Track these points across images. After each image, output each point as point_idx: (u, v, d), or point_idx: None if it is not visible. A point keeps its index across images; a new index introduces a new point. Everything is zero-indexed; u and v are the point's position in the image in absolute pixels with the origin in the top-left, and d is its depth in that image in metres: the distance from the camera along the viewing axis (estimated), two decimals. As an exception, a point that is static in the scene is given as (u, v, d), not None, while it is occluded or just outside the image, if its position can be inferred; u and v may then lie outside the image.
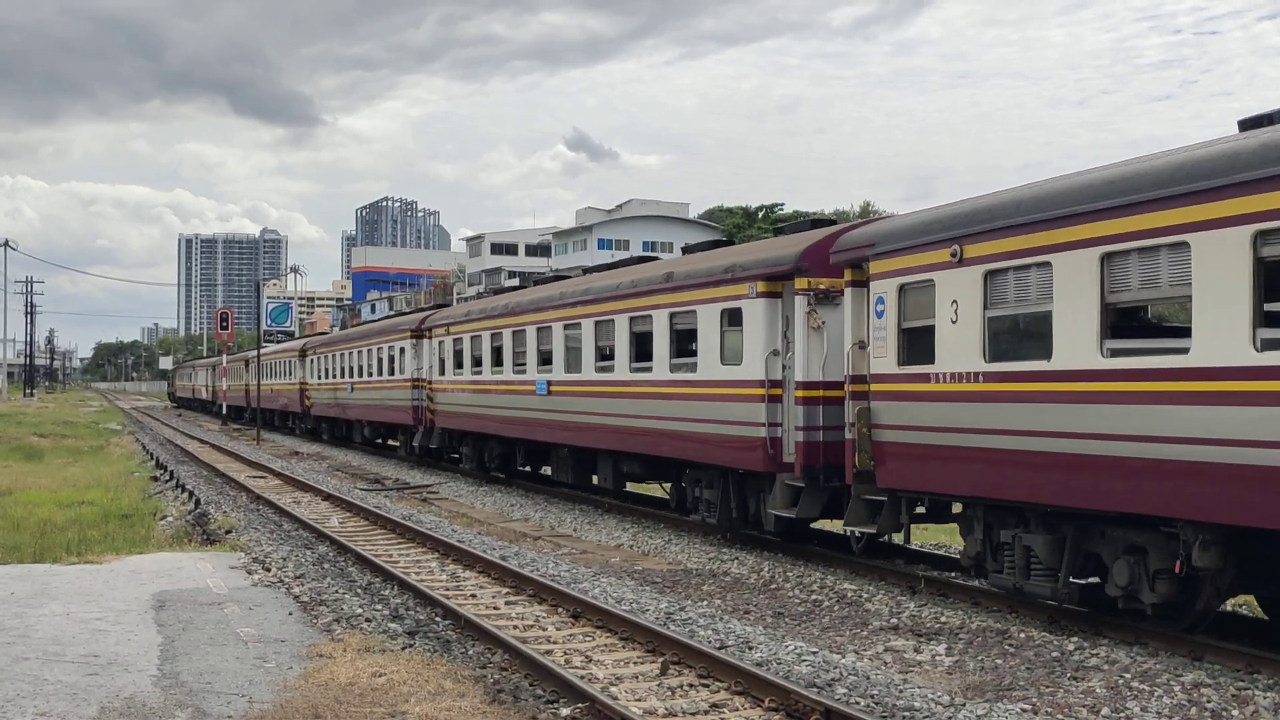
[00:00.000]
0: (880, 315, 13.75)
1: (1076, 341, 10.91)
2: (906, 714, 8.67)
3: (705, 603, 13.53)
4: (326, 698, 8.78)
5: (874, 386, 13.81)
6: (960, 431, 12.39)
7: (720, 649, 10.48)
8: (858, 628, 12.20)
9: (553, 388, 22.49)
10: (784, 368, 15.61)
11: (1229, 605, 13.05)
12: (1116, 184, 10.70)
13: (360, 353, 38.33)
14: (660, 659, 10.19)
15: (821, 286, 15.16)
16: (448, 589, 13.69)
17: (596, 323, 20.78)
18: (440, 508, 23.53)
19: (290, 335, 71.84)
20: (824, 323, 15.14)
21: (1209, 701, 9.19)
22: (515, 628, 11.64)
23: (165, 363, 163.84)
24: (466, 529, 19.73)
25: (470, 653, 10.67)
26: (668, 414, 18.22)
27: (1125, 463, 10.38)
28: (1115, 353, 10.62)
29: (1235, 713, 8.98)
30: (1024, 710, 9.03)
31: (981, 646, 11.17)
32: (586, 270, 24.73)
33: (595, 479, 22.18)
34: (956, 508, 13.45)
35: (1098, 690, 9.60)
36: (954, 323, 12.48)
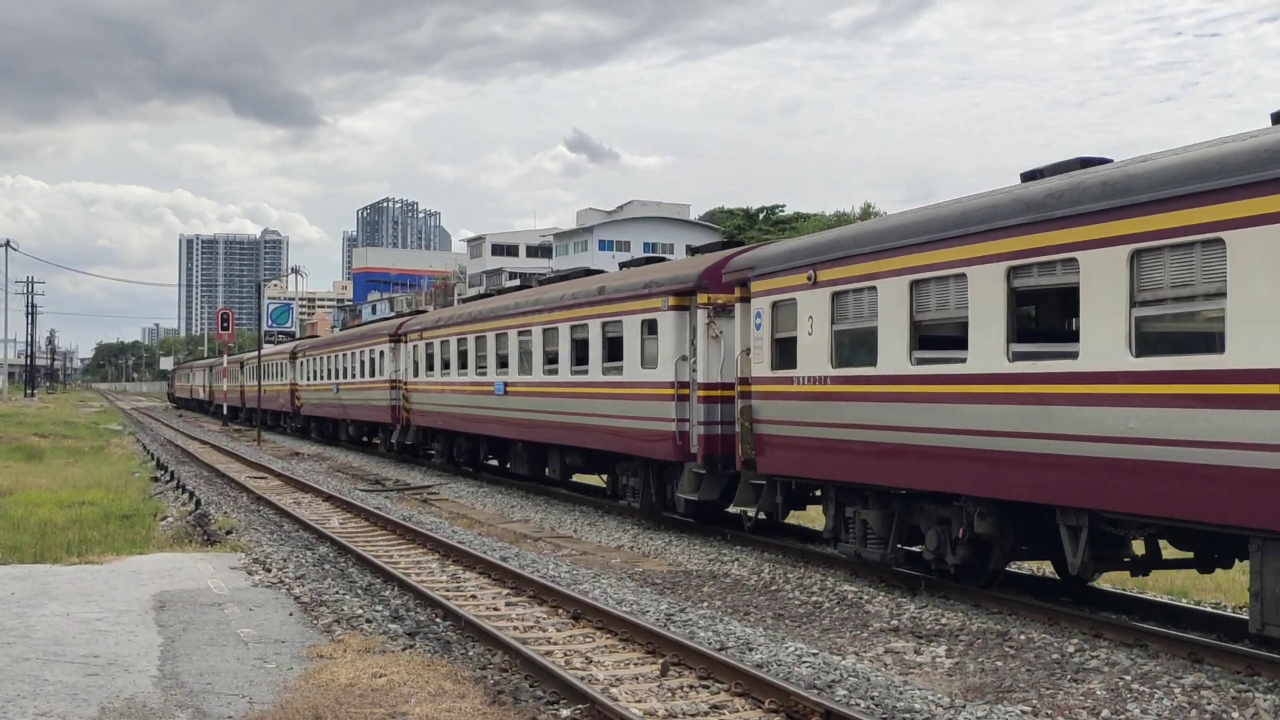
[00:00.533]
0: (758, 327, 16.08)
1: (894, 352, 13.31)
2: (906, 715, 8.67)
3: (705, 604, 13.54)
4: (327, 698, 8.78)
5: (754, 387, 16.16)
6: (816, 425, 14.79)
7: (720, 650, 10.48)
8: (858, 629, 12.20)
9: (509, 389, 24.92)
10: (691, 371, 17.94)
11: (1229, 609, 13.06)
12: (920, 225, 13.25)
13: (345, 355, 40.46)
14: (660, 660, 10.19)
15: (719, 301, 17.43)
16: (448, 590, 13.70)
17: (544, 330, 23.23)
18: (440, 509, 23.53)
19: (291, 336, 71.91)
20: (721, 332, 17.42)
21: (1209, 704, 9.19)
22: (516, 629, 11.64)
23: (166, 363, 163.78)
24: (467, 530, 19.73)
25: (471, 654, 10.67)
26: (601, 412, 20.55)
27: (928, 450, 12.77)
28: (920, 361, 13.02)
29: (1235, 715, 8.98)
30: (1024, 712, 9.03)
31: (982, 648, 11.17)
32: (541, 282, 27.34)
33: (547, 471, 24.35)
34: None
35: (1098, 692, 9.60)
36: (810, 334, 14.86)
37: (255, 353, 57.56)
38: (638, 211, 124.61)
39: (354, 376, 38.99)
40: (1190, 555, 11.45)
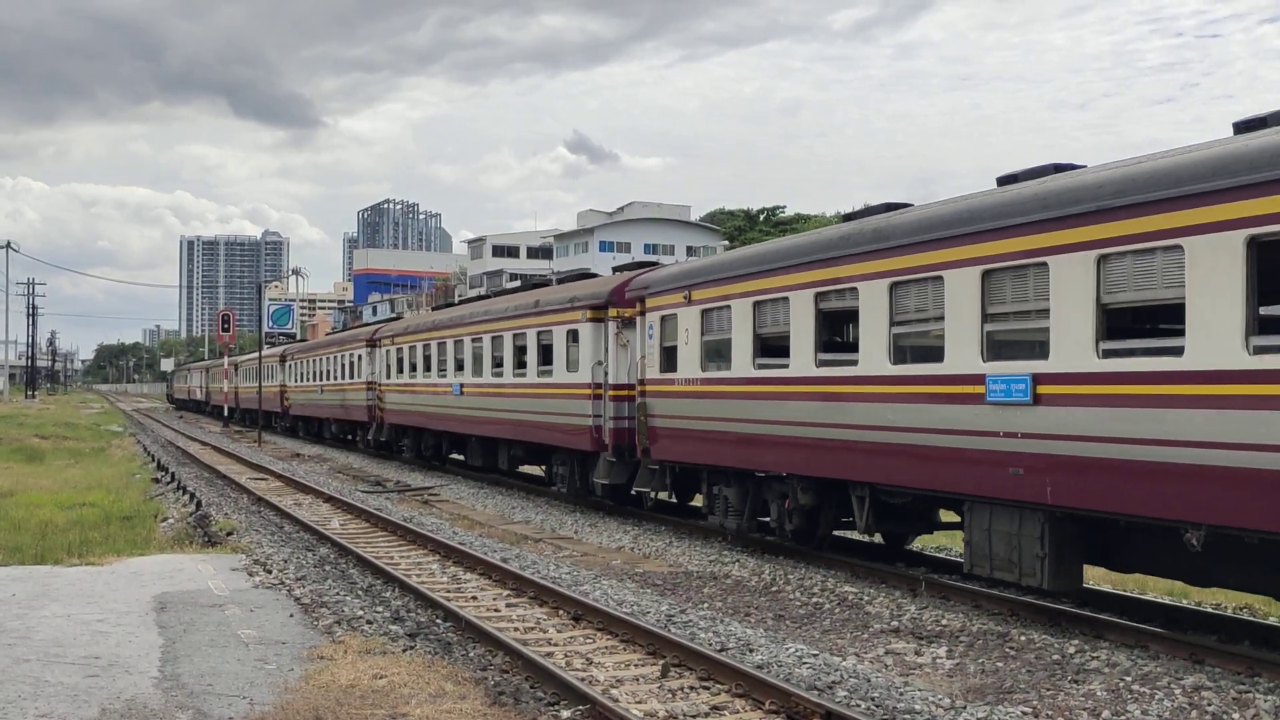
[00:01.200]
0: (651, 337, 19.03)
1: (743, 358, 16.40)
2: (907, 716, 8.68)
3: (706, 605, 13.54)
4: (327, 699, 8.79)
5: (648, 388, 19.05)
6: (691, 419, 17.81)
7: (721, 651, 10.48)
8: (858, 630, 12.20)
9: (464, 389, 28.10)
10: (604, 374, 20.80)
11: (1229, 609, 13.06)
12: (759, 257, 16.59)
13: (327, 359, 43.72)
14: (661, 661, 10.20)
15: (626, 315, 20.32)
16: (449, 591, 13.70)
17: (492, 338, 26.58)
18: (441, 510, 23.53)
19: (292, 338, 72.02)
20: (628, 341, 20.36)
21: (1209, 704, 9.19)
22: (516, 630, 11.65)
23: (167, 364, 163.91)
24: (467, 531, 19.73)
25: (471, 655, 10.67)
26: (537, 409, 23.64)
27: (767, 438, 15.86)
28: (761, 366, 16.15)
29: (1236, 716, 8.98)
30: (1025, 713, 9.03)
31: (982, 649, 11.17)
32: (494, 294, 32.05)
33: (499, 463, 27.16)
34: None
35: (1098, 693, 9.60)
36: (686, 344, 17.88)
37: (246, 356, 60.49)
38: (638, 213, 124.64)
39: (335, 379, 42.07)
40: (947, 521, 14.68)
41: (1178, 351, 10.00)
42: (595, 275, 25.60)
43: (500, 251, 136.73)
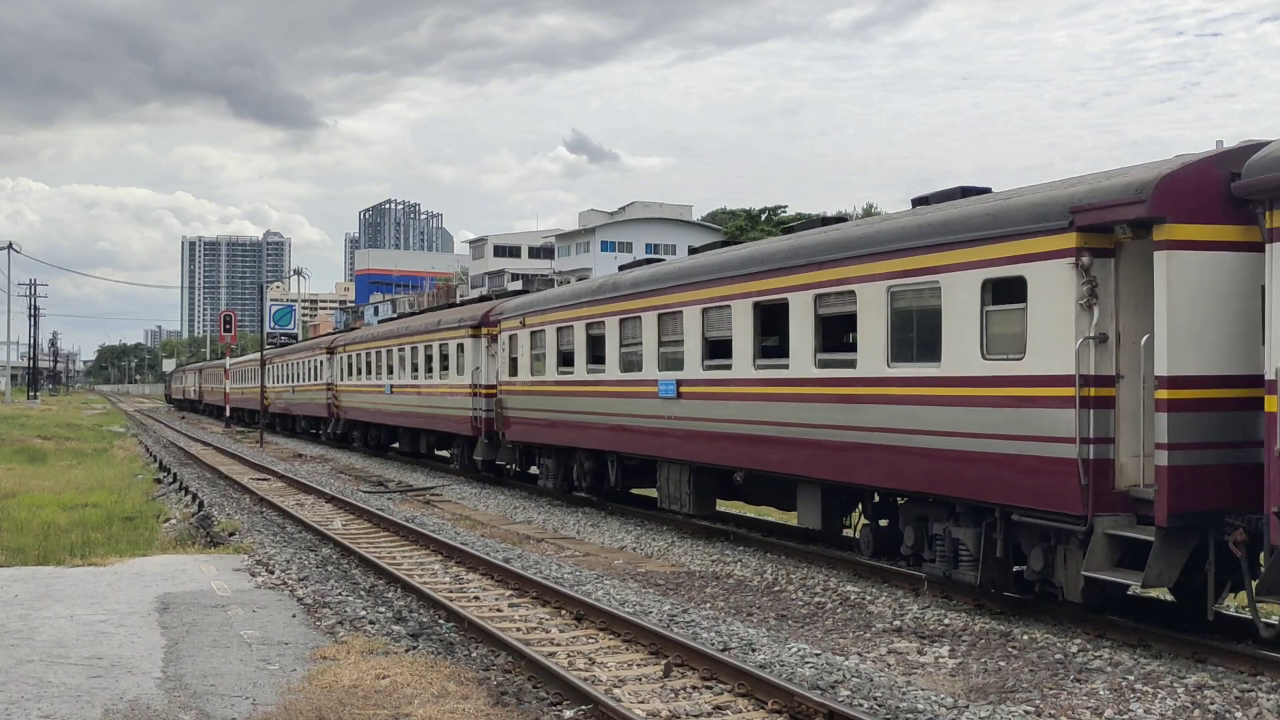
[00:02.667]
0: (503, 350, 26.16)
1: (550, 366, 23.12)
2: (910, 716, 8.68)
3: (708, 605, 13.54)
4: (330, 700, 8.80)
5: (502, 388, 26.29)
6: (527, 410, 24.69)
7: (723, 651, 10.48)
8: (861, 630, 12.20)
9: (393, 390, 35.55)
10: (480, 377, 27.94)
11: (1232, 609, 13.05)
12: (560, 297, 23.71)
13: (297, 364, 50.68)
14: (663, 661, 10.20)
15: (493, 333, 27.18)
16: (451, 591, 13.71)
17: (411, 348, 33.74)
18: (443, 510, 23.54)
19: (294, 338, 72.19)
20: (496, 352, 26.98)
21: (1212, 704, 9.19)
22: (519, 630, 11.65)
23: (169, 365, 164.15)
24: (469, 532, 19.73)
25: (474, 655, 10.68)
26: (439, 405, 30.66)
27: (564, 423, 22.61)
28: (561, 373, 22.67)
29: (1238, 715, 8.98)
30: (1027, 712, 9.03)
31: (985, 648, 11.17)
32: (416, 313, 40.61)
33: (420, 448, 34.88)
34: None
35: (1101, 692, 9.60)
36: (523, 356, 24.82)
37: (234, 360, 67.37)
38: (640, 212, 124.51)
39: (303, 380, 49.24)
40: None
41: (726, 366, 16.98)
42: (489, 298, 32.43)
43: (502, 252, 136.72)
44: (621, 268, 22.29)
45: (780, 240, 16.69)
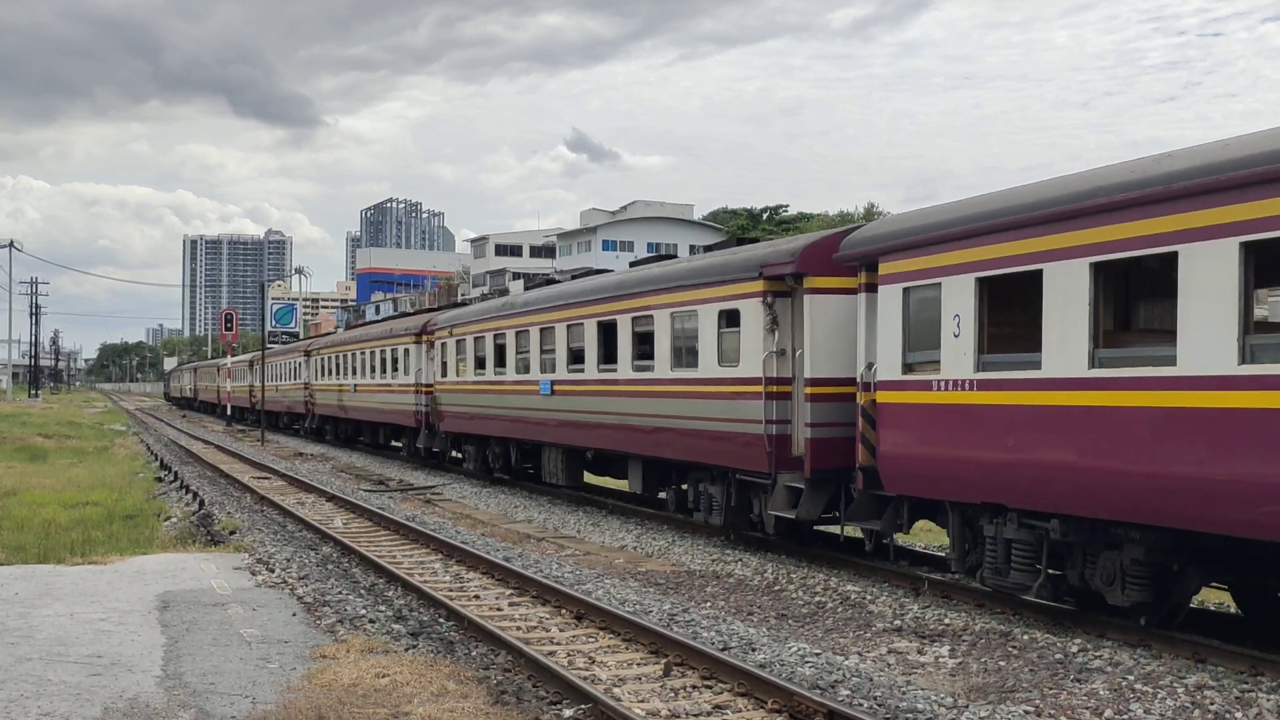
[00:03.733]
0: (439, 355, 30.84)
1: (467, 370, 28.04)
2: (909, 716, 8.67)
3: (708, 604, 13.54)
4: (330, 699, 8.79)
5: (436, 387, 31.14)
6: (455, 405, 29.47)
7: (723, 650, 10.48)
8: (861, 629, 12.20)
9: (357, 388, 40.14)
10: (423, 377, 32.52)
11: (1231, 608, 13.04)
12: (480, 312, 28.43)
13: (281, 365, 55.88)
14: (663, 660, 10.20)
15: (431, 339, 31.91)
16: (451, 590, 13.71)
17: (369, 352, 38.53)
18: (444, 509, 23.54)
19: (295, 336, 72.35)
20: (434, 356, 31.54)
21: (1212, 704, 9.18)
22: (519, 629, 11.65)
23: (170, 364, 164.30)
24: (470, 531, 19.74)
25: (474, 654, 10.68)
26: (391, 402, 35.67)
27: (480, 416, 27.20)
28: (477, 375, 27.44)
29: (1238, 715, 8.97)
30: (1027, 712, 9.02)
31: (985, 648, 11.17)
32: (370, 323, 49.14)
33: (378, 439, 39.64)
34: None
35: (1101, 692, 9.59)
36: (452, 360, 29.69)
37: (230, 359, 72.83)
38: (641, 212, 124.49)
39: (286, 379, 54.48)
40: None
41: (581, 369, 21.78)
42: (432, 310, 39.09)
43: (503, 251, 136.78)
44: (527, 286, 27.83)
45: (613, 276, 21.87)
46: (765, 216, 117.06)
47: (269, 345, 57.42)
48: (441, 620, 12.11)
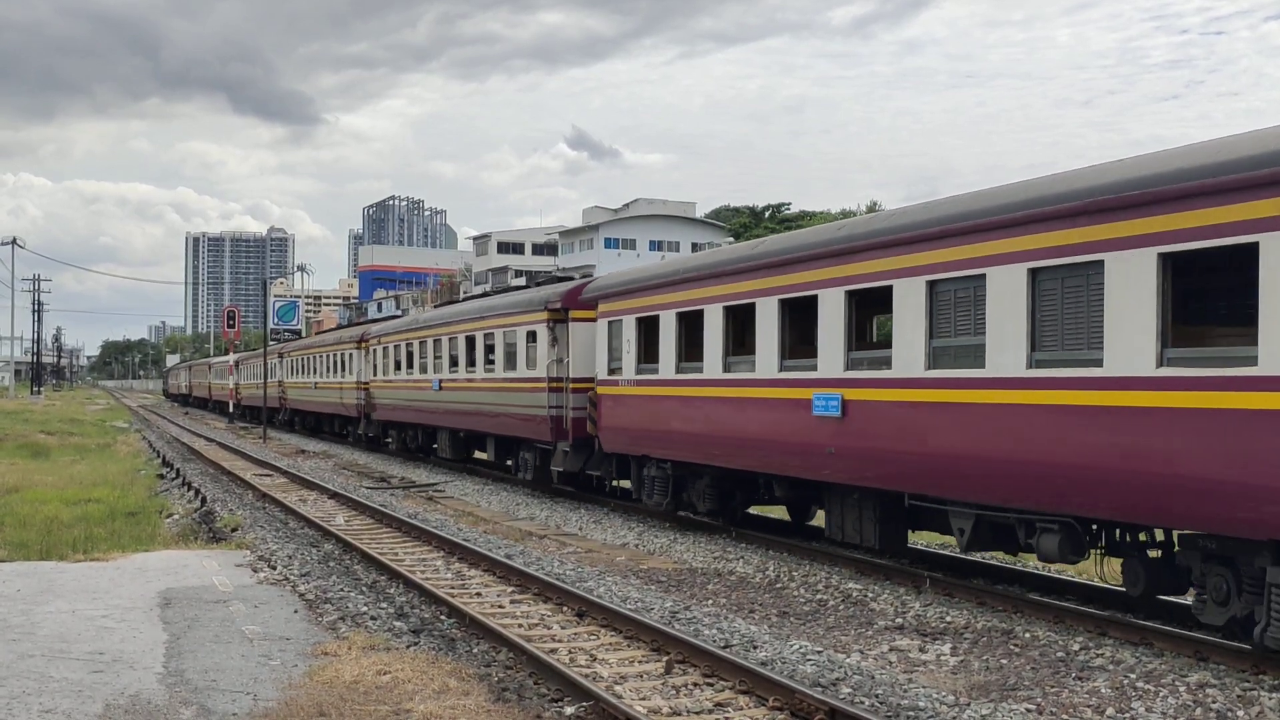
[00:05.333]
0: (373, 358, 38.30)
1: (398, 370, 35.23)
2: (911, 714, 8.66)
3: (710, 602, 13.54)
4: (331, 696, 8.80)
5: (371, 384, 38.20)
6: (385, 400, 36.67)
7: (725, 648, 10.48)
8: (863, 627, 12.19)
9: (317, 386, 47.53)
10: (364, 376, 39.49)
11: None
12: (396, 327, 37.39)
13: (259, 365, 60.18)
14: (665, 658, 10.19)
15: (368, 345, 38.99)
16: (453, 587, 13.71)
17: (322, 355, 46.19)
18: (446, 506, 23.55)
19: (297, 334, 72.48)
20: (370, 360, 38.34)
21: (1214, 702, 9.18)
22: (520, 626, 11.65)
23: (173, 361, 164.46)
24: (472, 528, 19.74)
25: (475, 651, 10.68)
26: (340, 396, 43.06)
27: (404, 407, 34.59)
28: (406, 374, 34.37)
29: (1240, 713, 8.96)
30: (1029, 710, 9.02)
31: (986, 646, 11.16)
32: (322, 333, 57.71)
33: (322, 428, 49.22)
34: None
35: (1103, 690, 9.58)
36: (383, 361, 36.65)
37: (216, 359, 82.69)
38: (643, 210, 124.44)
39: (261, 378, 60.66)
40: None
41: (456, 369, 29.65)
42: (369, 322, 46.58)
43: (505, 248, 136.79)
44: (438, 305, 35.88)
45: (474, 303, 30.12)
46: (767, 214, 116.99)
47: (271, 341, 57.71)
48: (443, 617, 12.11)
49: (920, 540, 17.25)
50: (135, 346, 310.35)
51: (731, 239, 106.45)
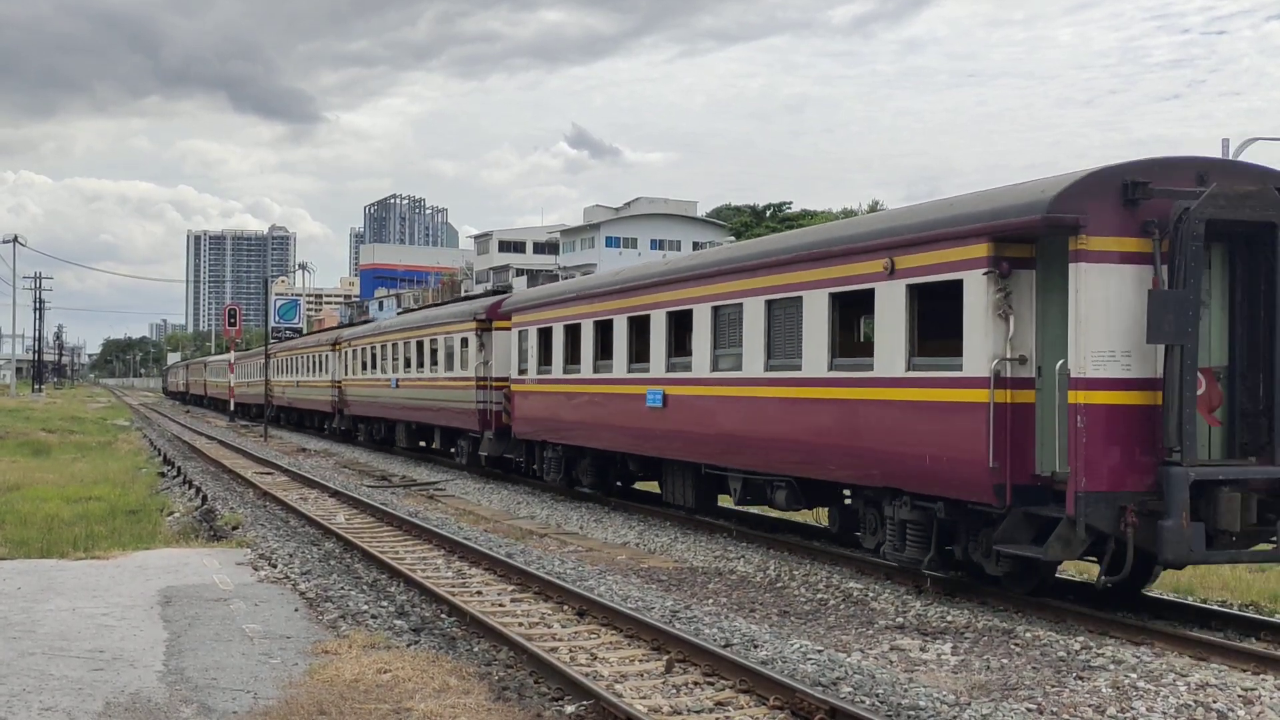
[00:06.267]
0: (345, 358, 43.08)
1: (361, 369, 40.91)
2: (912, 713, 8.66)
3: (711, 601, 13.53)
4: (331, 694, 8.79)
5: (344, 383, 43.22)
6: (357, 396, 41.25)
7: (725, 647, 10.47)
8: (863, 626, 12.19)
9: (300, 384, 52.27)
10: (337, 375, 44.19)
11: (1235, 607, 13.02)
12: (372, 330, 42.20)
13: (250, 364, 66.75)
14: (665, 657, 10.19)
15: (340, 348, 43.36)
16: (453, 586, 13.70)
17: (303, 356, 51.41)
18: (447, 505, 23.54)
19: (298, 332, 72.52)
20: (342, 361, 43.15)
21: (1215, 702, 9.17)
22: (520, 625, 11.64)
23: (174, 359, 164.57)
24: (473, 527, 19.73)
25: (475, 650, 10.67)
26: (316, 393, 48.63)
27: (376, 403, 38.96)
28: (366, 374, 40.44)
29: (1241, 713, 8.96)
30: (1029, 710, 9.01)
31: (987, 646, 11.15)
32: (299, 335, 66.70)
33: (317, 422, 51.72)
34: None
35: (1103, 690, 9.58)
36: (351, 362, 42.24)
37: (211, 358, 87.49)
38: (645, 208, 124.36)
39: (253, 376, 65.50)
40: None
41: (392, 371, 36.89)
42: (343, 327, 53.94)
43: (506, 247, 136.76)
44: (400, 312, 41.64)
45: (418, 314, 36.70)
46: (769, 213, 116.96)
47: (273, 339, 57.92)
48: (443, 616, 12.11)
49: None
50: (136, 344, 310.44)
51: (733, 238, 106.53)
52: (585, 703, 8.77)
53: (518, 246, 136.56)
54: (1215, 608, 12.57)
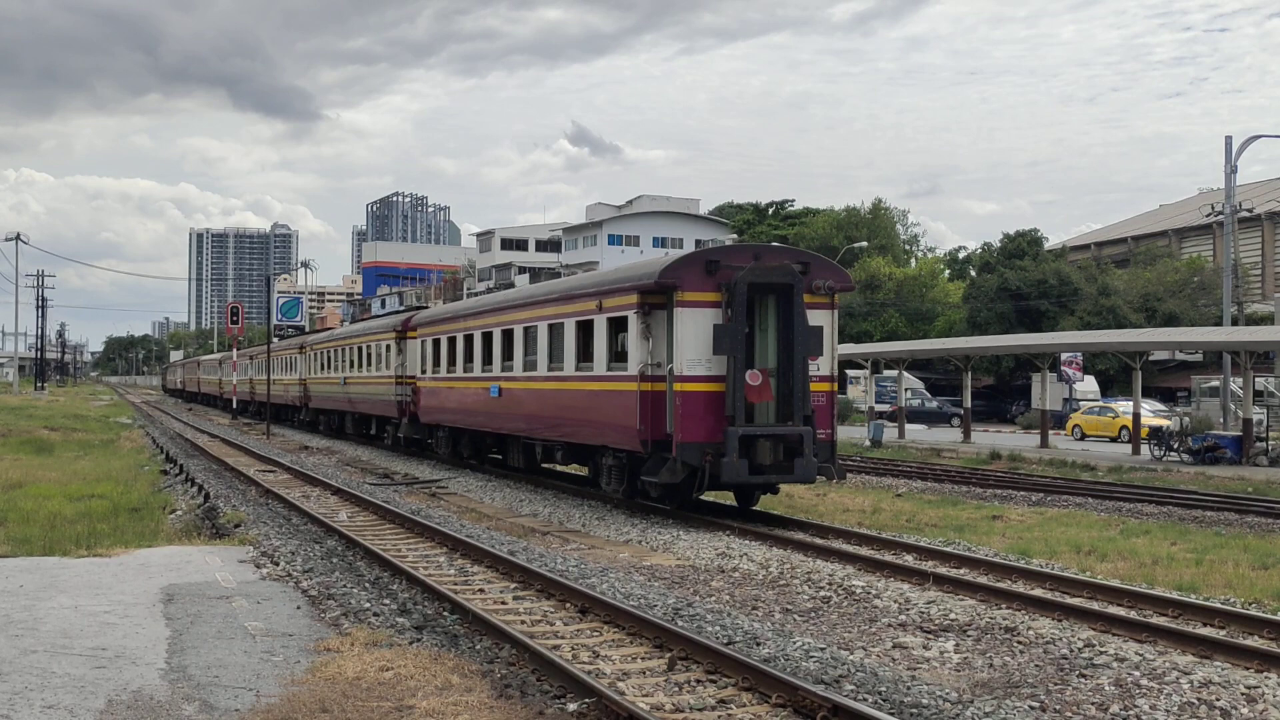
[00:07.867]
0: (309, 360, 52.03)
1: (317, 369, 49.83)
2: (914, 711, 8.65)
3: (713, 598, 13.52)
4: (334, 692, 8.79)
5: (308, 381, 51.66)
6: (318, 393, 49.49)
7: (728, 645, 10.47)
8: (866, 624, 12.18)
9: (274, 381, 55.88)
10: (303, 374, 52.35)
11: (1238, 604, 13.00)
12: (326, 337, 51.36)
13: (246, 362, 70.52)
14: (668, 655, 10.18)
15: (304, 352, 52.93)
16: (456, 584, 13.70)
17: (279, 357, 57.59)
18: (449, 503, 23.54)
19: (300, 330, 72.61)
20: (308, 362, 51.71)
21: (1219, 699, 9.16)
22: (523, 623, 11.64)
23: (176, 356, 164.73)
24: (475, 524, 19.73)
25: (478, 647, 10.67)
26: (289, 390, 56.56)
27: (326, 397, 48.54)
28: (323, 374, 49.96)
29: (1245, 711, 8.95)
30: (1032, 707, 9.00)
31: (990, 643, 11.15)
32: (283, 337, 68.65)
33: (304, 419, 55.66)
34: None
35: (1106, 688, 9.57)
36: (311, 364, 51.41)
37: (212, 355, 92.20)
38: (647, 206, 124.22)
39: (241, 375, 69.74)
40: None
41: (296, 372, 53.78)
42: (309, 333, 61.56)
43: (509, 245, 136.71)
44: (357, 318, 48.72)
45: (358, 325, 43.22)
46: (771, 211, 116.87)
47: (275, 337, 58.02)
48: (446, 614, 12.10)
49: (923, 539, 17.26)
50: (139, 342, 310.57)
51: (735, 236, 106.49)
52: (587, 700, 8.76)
53: (520, 244, 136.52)
54: (1218, 605, 12.56)
